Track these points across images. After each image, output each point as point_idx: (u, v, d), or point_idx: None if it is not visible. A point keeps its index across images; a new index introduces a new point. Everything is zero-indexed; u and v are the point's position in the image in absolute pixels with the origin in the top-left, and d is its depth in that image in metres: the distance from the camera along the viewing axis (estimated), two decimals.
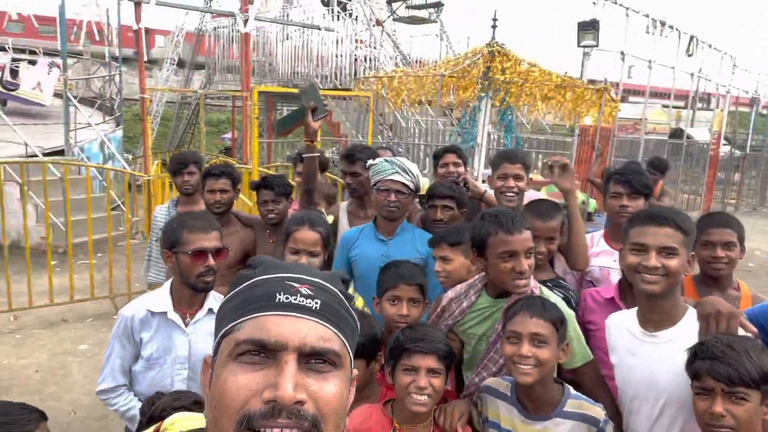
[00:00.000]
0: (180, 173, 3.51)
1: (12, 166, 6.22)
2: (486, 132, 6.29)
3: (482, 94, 6.02)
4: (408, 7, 16.81)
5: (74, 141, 9.13)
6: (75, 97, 9.89)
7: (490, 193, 2.91)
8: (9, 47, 14.94)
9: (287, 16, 14.98)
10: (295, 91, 11.29)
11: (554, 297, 1.92)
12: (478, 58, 5.79)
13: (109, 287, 5.71)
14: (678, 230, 1.62)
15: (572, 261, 2.39)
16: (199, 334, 2.04)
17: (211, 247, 1.97)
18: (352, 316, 0.78)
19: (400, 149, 11.79)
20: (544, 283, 2.03)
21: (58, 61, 11.28)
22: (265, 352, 0.69)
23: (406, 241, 2.59)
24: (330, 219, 2.90)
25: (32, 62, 11.67)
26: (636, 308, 1.75)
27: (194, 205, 3.48)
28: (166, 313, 2.02)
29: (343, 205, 3.16)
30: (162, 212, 3.67)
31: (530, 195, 3.01)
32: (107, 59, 12.78)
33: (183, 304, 2.06)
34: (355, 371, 0.79)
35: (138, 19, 5.54)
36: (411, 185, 2.57)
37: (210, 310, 2.07)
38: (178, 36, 17.98)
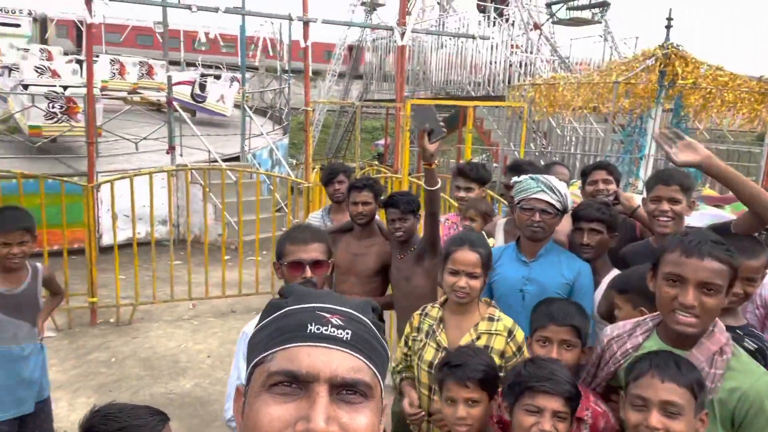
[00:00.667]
0: (331, 183, 3.74)
1: (198, 170, 7.06)
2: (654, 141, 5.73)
3: (655, 101, 5.51)
4: (569, 9, 16.07)
5: (248, 148, 10.14)
6: (250, 108, 10.98)
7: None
8: (199, 63, 17.03)
9: (443, 24, 15.15)
10: (448, 102, 11.36)
11: (742, 352, 1.59)
12: (653, 62, 5.30)
13: (272, 283, 6.21)
14: None
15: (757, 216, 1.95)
16: None
17: (309, 259, 1.95)
18: (382, 346, 0.77)
19: (554, 158, 11.28)
20: (733, 330, 1.71)
21: (238, 75, 12.64)
22: (297, 384, 0.70)
23: (551, 264, 2.42)
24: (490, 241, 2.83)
25: (217, 77, 13.19)
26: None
27: (345, 212, 3.69)
28: None
29: (501, 223, 3.04)
30: (315, 218, 3.89)
31: (711, 214, 2.65)
32: (278, 73, 14.03)
33: None
34: (385, 402, 0.78)
35: (306, 37, 5.93)
36: (557, 205, 2.41)
37: None
38: (340, 50, 19.09)
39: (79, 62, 11.66)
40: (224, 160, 9.15)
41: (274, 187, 7.31)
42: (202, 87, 12.00)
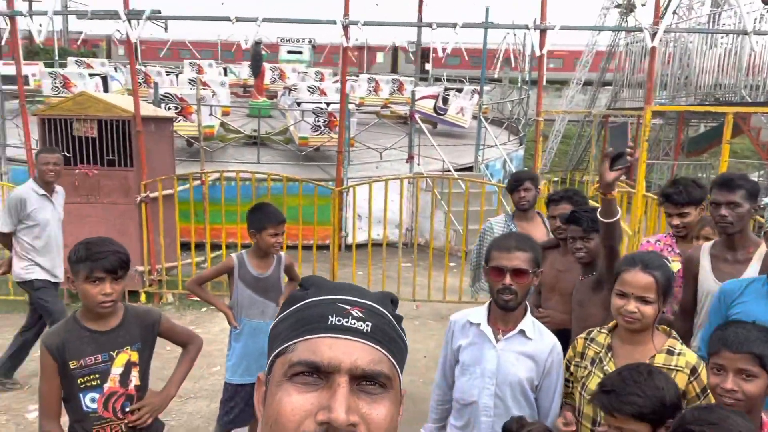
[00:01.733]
0: (516, 190, 3.63)
1: (430, 178, 7.44)
2: None
3: None
4: None
5: (482, 159, 10.28)
6: (488, 119, 11.12)
7: None
8: (444, 78, 17.87)
9: (715, 20, 13.17)
10: (712, 109, 9.84)
11: None
12: None
13: None
14: None
15: None
16: (508, 352, 2.03)
17: (510, 266, 1.96)
18: (401, 338, 0.78)
19: None
20: None
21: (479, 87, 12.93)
22: (318, 374, 0.70)
23: None
24: None
25: (459, 90, 13.69)
26: None
27: (530, 220, 3.58)
28: (479, 324, 2.08)
29: (706, 247, 2.57)
30: (499, 224, 3.80)
31: None
32: (519, 83, 13.93)
33: (497, 320, 2.08)
34: (404, 390, 0.78)
35: (542, 45, 5.78)
36: None
37: (522, 332, 2.03)
38: (587, 56, 18.05)
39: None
40: (458, 170, 9.45)
41: (499, 199, 7.28)
42: (445, 100, 12.58)
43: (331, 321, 0.73)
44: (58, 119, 6.02)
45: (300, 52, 19.09)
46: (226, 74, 15.29)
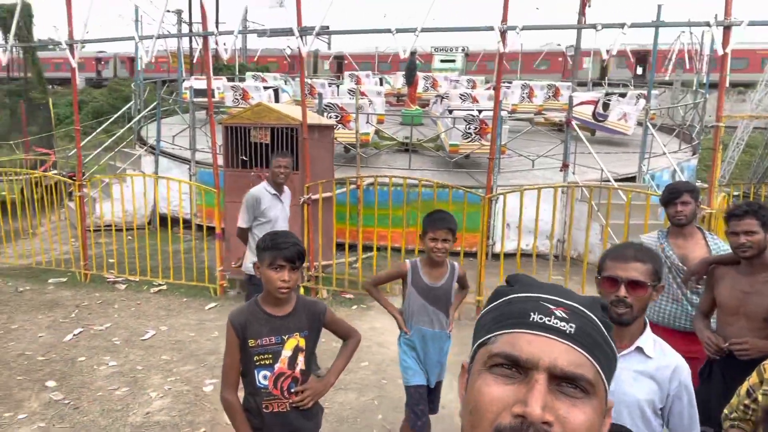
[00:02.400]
0: (672, 203, 3.20)
1: (586, 188, 7.03)
2: None
3: None
4: None
5: (646, 168, 9.47)
6: (655, 126, 10.23)
7: None
8: (605, 83, 16.80)
9: None
10: None
11: None
12: None
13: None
14: None
15: None
16: (624, 371, 1.83)
17: (625, 277, 1.82)
18: (609, 345, 0.75)
19: None
20: None
21: (646, 92, 11.95)
22: (517, 368, 0.71)
23: None
24: None
25: (622, 95, 12.77)
26: None
27: (687, 237, 3.19)
28: None
29: None
30: (651, 240, 3.41)
31: None
32: (695, 87, 12.61)
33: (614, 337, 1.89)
34: (611, 401, 0.76)
35: (725, 43, 5.20)
36: None
37: (639, 349, 1.86)
38: None
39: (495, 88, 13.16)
40: (618, 180, 8.81)
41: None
42: (605, 106, 11.84)
43: (533, 318, 0.74)
44: (239, 127, 6.74)
45: (453, 61, 19.24)
46: (381, 84, 15.94)
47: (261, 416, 2.30)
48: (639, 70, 18.17)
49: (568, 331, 0.72)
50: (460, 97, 11.78)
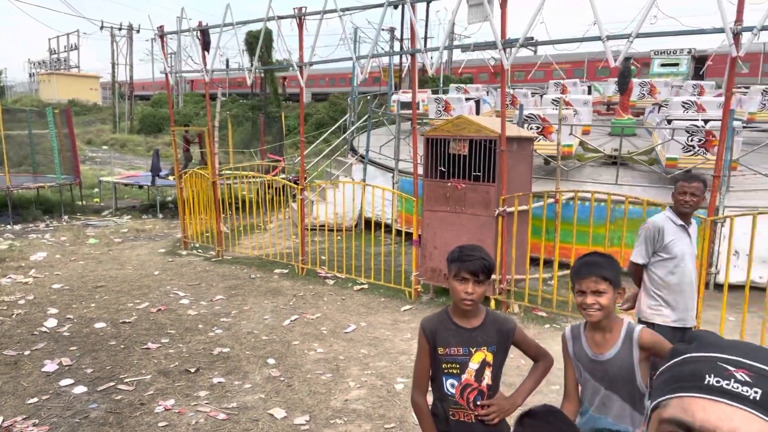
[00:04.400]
0: None
1: None
2: None
3: None
4: None
5: None
6: None
7: None
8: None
9: None
10: None
11: None
12: None
13: None
14: None
15: None
16: None
17: None
18: None
19: None
20: None
21: None
22: None
23: None
24: None
25: None
26: None
27: None
28: None
29: None
30: None
31: None
32: None
33: None
34: None
35: None
36: None
37: None
38: None
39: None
40: None
41: None
42: None
43: (708, 381, 0.67)
44: (439, 139, 7.02)
45: (677, 65, 17.33)
46: (590, 92, 15.08)
47: (447, 422, 2.39)
48: None
49: (751, 397, 0.64)
50: (683, 105, 10.59)
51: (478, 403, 2.35)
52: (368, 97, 13.50)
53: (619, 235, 6.64)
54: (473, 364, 2.37)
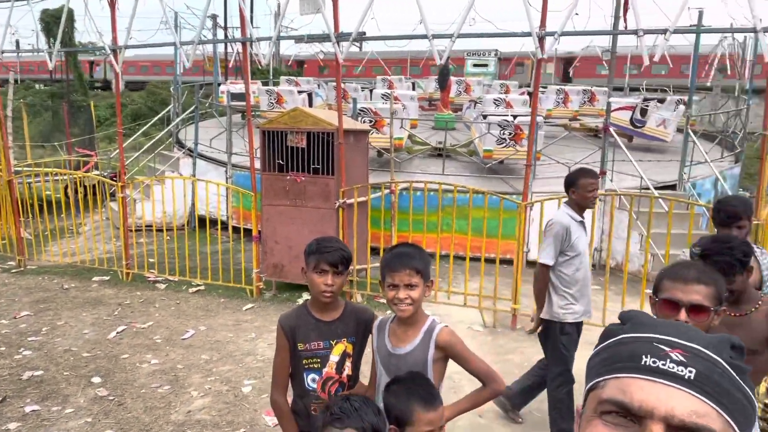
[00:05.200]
0: (728, 227, 3.00)
1: (626, 196, 6.92)
2: None
3: None
4: None
5: (687, 176, 9.26)
6: (695, 133, 10.00)
7: None
8: (643, 88, 16.48)
9: None
10: None
11: None
12: None
13: None
14: None
15: None
16: None
17: (686, 301, 1.69)
18: (743, 392, 0.66)
19: None
20: None
21: (685, 97, 11.68)
22: (630, 416, 0.66)
23: None
24: None
25: (661, 101, 12.51)
26: None
27: None
28: None
29: None
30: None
31: None
32: (736, 93, 12.28)
33: None
34: None
35: None
36: None
37: None
38: None
39: (529, 94, 13.05)
40: (657, 188, 8.64)
41: (711, 221, 6.48)
42: (643, 112, 11.62)
43: (645, 362, 0.67)
44: (276, 131, 6.85)
45: (486, 65, 19.15)
46: (414, 89, 15.96)
47: (308, 418, 2.34)
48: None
49: (686, 377, 0.65)
50: (494, 102, 11.72)
51: (339, 394, 2.33)
52: (194, 87, 12.69)
53: (449, 221, 7.13)
54: (334, 357, 2.34)
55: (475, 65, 19.43)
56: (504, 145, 9.53)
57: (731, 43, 12.38)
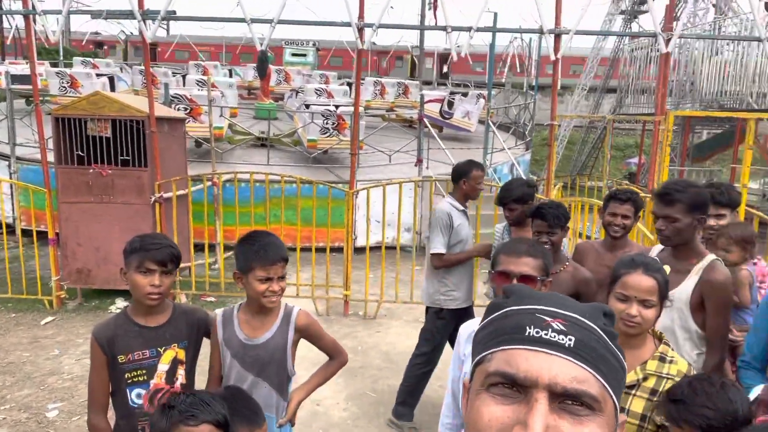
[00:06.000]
0: (505, 207, 3.53)
1: (441, 183, 7.45)
2: None
3: None
4: None
5: (490, 163, 10.30)
6: (494, 124, 11.16)
7: None
8: (449, 82, 17.92)
9: (719, 28, 13.23)
10: (720, 114, 9.89)
11: None
12: None
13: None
14: None
15: None
16: None
17: (517, 271, 1.87)
18: (615, 357, 0.70)
19: None
20: None
21: (485, 92, 12.97)
22: (516, 387, 0.67)
23: None
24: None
25: (464, 94, 13.74)
26: None
27: (527, 229, 3.39)
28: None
29: (655, 251, 2.63)
30: (499, 231, 3.80)
31: None
32: (525, 89, 13.99)
33: None
34: (622, 417, 0.71)
35: (557, 50, 5.80)
36: None
37: None
38: (592, 62, 18.13)
39: (349, 84, 13.34)
40: None
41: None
42: (450, 104, 12.62)
43: (529, 332, 0.69)
44: (73, 118, 6.01)
45: (305, 55, 19.12)
46: (231, 76, 15.29)
47: None
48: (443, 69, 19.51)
49: (567, 345, 0.67)
50: (316, 92, 11.75)
51: None
52: None
53: (277, 212, 6.97)
54: (163, 366, 2.12)
55: (293, 54, 19.26)
56: (328, 134, 9.61)
57: (519, 44, 14.04)
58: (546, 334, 0.68)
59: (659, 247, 2.63)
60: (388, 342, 5.54)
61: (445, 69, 13.66)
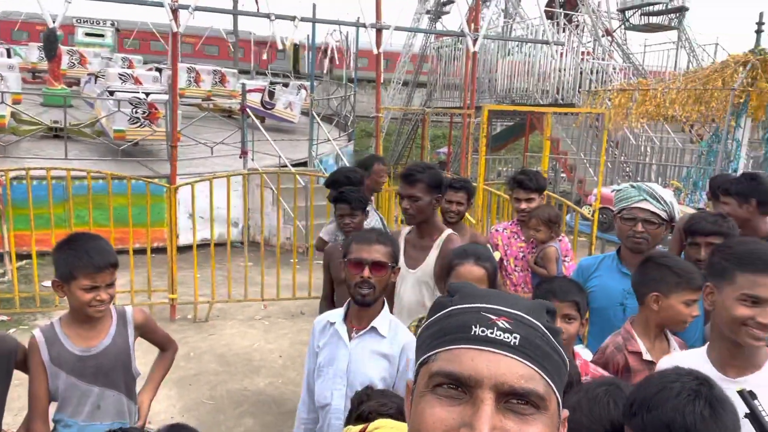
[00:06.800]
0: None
1: (270, 175, 7.26)
2: (744, 151, 5.44)
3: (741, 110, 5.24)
4: (644, 14, 15.47)
5: (315, 153, 10.33)
6: (318, 115, 11.21)
7: None
8: (268, 72, 17.55)
9: (509, 31, 14.97)
10: (512, 108, 11.21)
11: None
12: (739, 69, 5.04)
13: None
14: None
15: None
16: (361, 351, 1.94)
17: (369, 259, 1.92)
18: (558, 353, 0.70)
19: (628, 168, 10.87)
20: None
21: (306, 83, 12.95)
22: (462, 387, 0.66)
23: None
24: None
25: (285, 85, 13.55)
26: (707, 351, 1.60)
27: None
28: (335, 323, 2.00)
29: (404, 231, 2.89)
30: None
31: None
32: (344, 81, 14.28)
33: (353, 318, 2.00)
34: (565, 412, 0.72)
35: (378, 44, 6.00)
36: (663, 214, 2.29)
37: (374, 329, 1.95)
38: (404, 58, 19.20)
39: (159, 70, 12.27)
40: (293, 165, 9.36)
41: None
42: (271, 94, 12.35)
43: (475, 331, 0.68)
44: None
45: (102, 36, 17.10)
46: (10, 56, 13.06)
47: None
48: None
49: (512, 343, 0.67)
50: (120, 77, 10.58)
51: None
52: None
53: (82, 213, 6.13)
54: None
55: (88, 34, 17.09)
56: (138, 125, 8.74)
57: (339, 37, 14.27)
58: (492, 333, 0.67)
59: (407, 229, 2.82)
60: (223, 344, 5.26)
61: (327, 64, 13.30)
